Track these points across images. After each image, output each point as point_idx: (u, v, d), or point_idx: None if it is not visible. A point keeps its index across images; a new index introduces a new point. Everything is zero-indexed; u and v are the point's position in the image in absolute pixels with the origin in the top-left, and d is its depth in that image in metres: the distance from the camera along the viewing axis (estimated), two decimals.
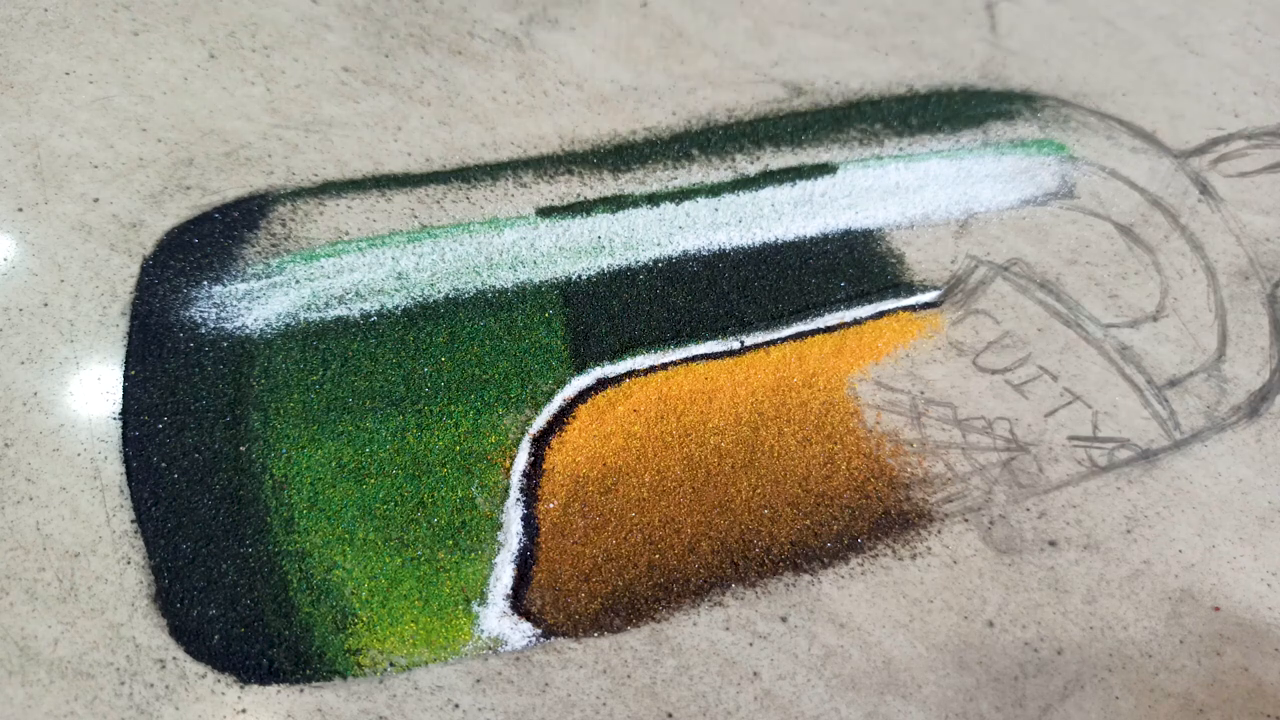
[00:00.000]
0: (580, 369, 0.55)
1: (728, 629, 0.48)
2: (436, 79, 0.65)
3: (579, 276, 0.58)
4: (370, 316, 0.56)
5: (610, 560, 0.49)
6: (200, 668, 0.45)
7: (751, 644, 0.48)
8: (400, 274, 0.57)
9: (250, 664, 0.46)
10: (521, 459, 0.52)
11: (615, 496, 0.51)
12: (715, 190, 0.62)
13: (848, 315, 0.58)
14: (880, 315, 0.58)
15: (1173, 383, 0.57)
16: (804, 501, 0.51)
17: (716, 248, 0.60)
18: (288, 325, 0.55)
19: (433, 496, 0.50)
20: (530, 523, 0.50)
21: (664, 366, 0.55)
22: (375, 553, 0.49)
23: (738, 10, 0.71)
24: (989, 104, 0.67)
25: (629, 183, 0.62)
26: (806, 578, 0.50)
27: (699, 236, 0.60)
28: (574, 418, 0.53)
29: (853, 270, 0.60)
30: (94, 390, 0.52)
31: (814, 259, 0.60)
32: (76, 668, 0.45)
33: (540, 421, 0.53)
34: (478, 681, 0.46)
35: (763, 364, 0.56)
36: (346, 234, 0.58)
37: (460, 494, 0.50)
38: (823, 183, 0.63)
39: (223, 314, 0.55)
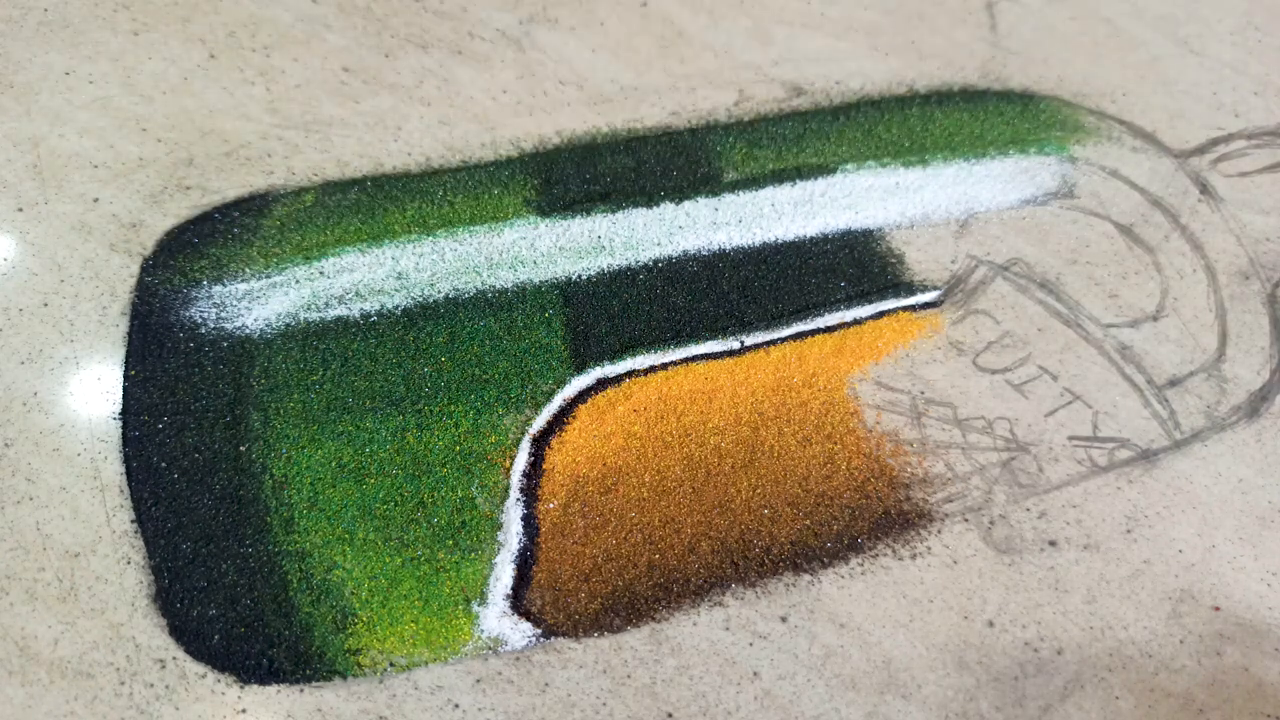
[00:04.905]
0: (580, 369, 0.55)
1: (728, 629, 0.48)
2: (436, 79, 0.65)
3: (579, 276, 0.58)
4: (370, 316, 0.56)
5: (610, 560, 0.49)
6: (200, 668, 0.45)
7: (751, 644, 0.48)
8: (400, 274, 0.57)
9: (250, 664, 0.46)
10: (521, 459, 0.52)
11: (615, 496, 0.51)
12: (715, 190, 0.62)
13: (848, 315, 0.58)
14: (880, 315, 0.58)
15: (1173, 383, 0.57)
16: (804, 501, 0.51)
17: (716, 248, 0.60)
18: (288, 325, 0.55)
19: (433, 496, 0.50)
20: (530, 523, 0.50)
21: (664, 366, 0.55)
22: (375, 553, 0.49)
23: (738, 10, 0.71)
24: (989, 104, 0.67)
25: (629, 182, 0.62)
26: (806, 578, 0.50)
27: (699, 236, 0.60)
28: (574, 418, 0.53)
29: (853, 270, 0.60)
30: (94, 390, 0.52)
31: (814, 259, 0.60)
32: (76, 668, 0.45)
33: (540, 421, 0.53)
34: (478, 681, 0.46)
35: (763, 364, 0.56)
36: (346, 234, 0.58)
37: (460, 494, 0.50)
38: (823, 183, 0.63)
39: (223, 314, 0.55)
